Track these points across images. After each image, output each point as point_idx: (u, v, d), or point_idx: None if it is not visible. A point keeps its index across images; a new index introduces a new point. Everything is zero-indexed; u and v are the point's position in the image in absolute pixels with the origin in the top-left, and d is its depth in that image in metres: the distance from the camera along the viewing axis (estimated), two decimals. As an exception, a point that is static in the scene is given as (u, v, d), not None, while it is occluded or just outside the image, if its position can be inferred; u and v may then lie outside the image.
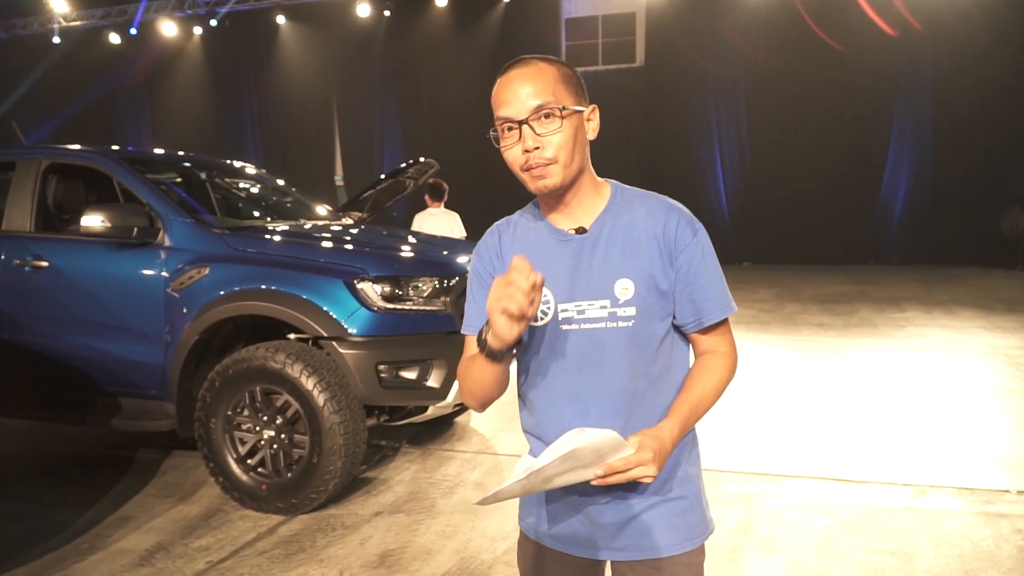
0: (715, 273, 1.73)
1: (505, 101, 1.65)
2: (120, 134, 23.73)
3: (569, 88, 1.67)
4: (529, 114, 1.62)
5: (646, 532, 1.74)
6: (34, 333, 5.06)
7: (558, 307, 1.72)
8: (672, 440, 1.61)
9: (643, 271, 1.68)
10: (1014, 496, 4.49)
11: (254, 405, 4.48)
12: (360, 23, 20.41)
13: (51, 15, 21.98)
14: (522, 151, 1.64)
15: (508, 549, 3.96)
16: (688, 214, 1.74)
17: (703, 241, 1.72)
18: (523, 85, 1.64)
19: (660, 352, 1.73)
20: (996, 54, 16.22)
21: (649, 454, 1.52)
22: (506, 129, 1.66)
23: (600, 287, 1.69)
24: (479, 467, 5.22)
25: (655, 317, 1.70)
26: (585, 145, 1.72)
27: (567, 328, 1.72)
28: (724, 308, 1.73)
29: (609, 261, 1.70)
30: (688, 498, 1.77)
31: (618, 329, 1.68)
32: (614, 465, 1.51)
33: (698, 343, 1.78)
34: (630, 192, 1.79)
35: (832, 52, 17.41)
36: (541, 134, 1.63)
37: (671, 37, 18.54)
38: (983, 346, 8.63)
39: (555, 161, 1.64)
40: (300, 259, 4.68)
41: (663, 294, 1.69)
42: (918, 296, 12.75)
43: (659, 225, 1.70)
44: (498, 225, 1.91)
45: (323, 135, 22.44)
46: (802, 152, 17.91)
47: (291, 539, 4.13)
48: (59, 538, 4.17)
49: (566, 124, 1.64)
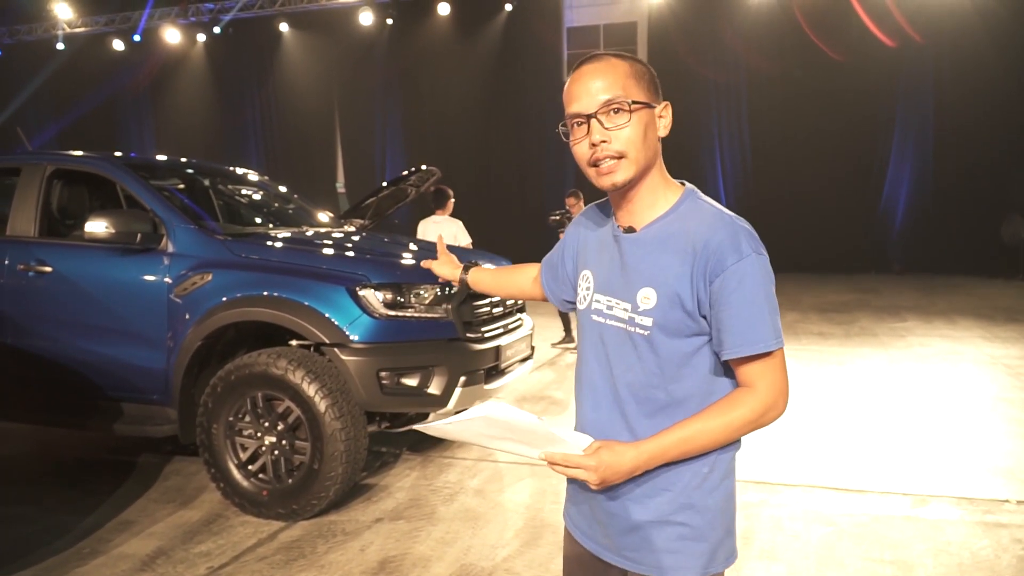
0: (751, 304, 1.59)
1: (575, 96, 1.65)
2: (124, 140, 23.79)
3: (640, 84, 1.66)
4: (598, 108, 1.62)
5: (647, 548, 1.71)
6: (37, 337, 5.08)
7: (594, 297, 1.78)
8: (637, 460, 1.59)
9: (669, 284, 1.63)
10: (1014, 506, 4.50)
11: (256, 411, 4.49)
12: (363, 31, 20.47)
13: (55, 21, 22.07)
14: (589, 145, 1.64)
15: (508, 556, 3.97)
16: (741, 233, 1.62)
17: (748, 267, 1.59)
18: (593, 80, 1.64)
19: (688, 371, 1.66)
20: (997, 63, 16.25)
21: (592, 462, 1.54)
22: (575, 124, 1.67)
23: (627, 290, 1.69)
24: (479, 474, 5.23)
25: (677, 333, 1.64)
26: (656, 142, 1.70)
27: (596, 319, 1.77)
28: (746, 344, 1.59)
29: (640, 267, 1.68)
30: (693, 527, 1.69)
31: (635, 334, 1.67)
32: (553, 456, 1.56)
33: (737, 374, 1.66)
34: (699, 203, 1.72)
35: (834, 61, 17.45)
36: (609, 128, 1.62)
37: (673, 46, 18.58)
38: (983, 356, 8.64)
39: (623, 156, 1.63)
40: (302, 266, 4.70)
41: (688, 313, 1.62)
42: (919, 305, 12.76)
43: (702, 240, 1.61)
44: (586, 209, 1.96)
45: (325, 142, 22.48)
46: (803, 160, 17.93)
47: (292, 545, 4.14)
48: (61, 542, 4.18)
49: (635, 119, 1.63)
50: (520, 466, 5.35)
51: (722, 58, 18.85)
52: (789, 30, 17.74)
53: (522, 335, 5.44)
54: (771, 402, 1.62)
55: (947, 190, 17.38)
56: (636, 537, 1.72)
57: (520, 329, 5.47)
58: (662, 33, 19.12)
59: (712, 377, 1.67)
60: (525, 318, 5.73)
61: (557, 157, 20.50)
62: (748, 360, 1.61)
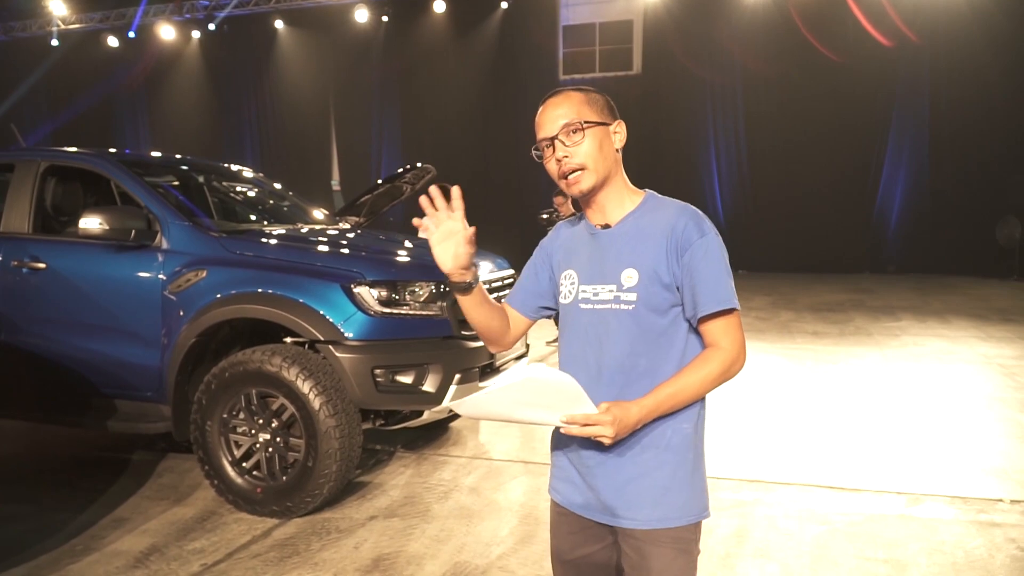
0: (716, 271, 1.90)
1: (541, 125, 1.99)
2: (118, 137, 23.74)
3: (593, 107, 1.98)
4: (559, 131, 1.95)
5: (632, 503, 1.95)
6: (31, 335, 5.06)
7: (580, 288, 2.04)
8: (639, 415, 1.85)
9: (648, 264, 1.93)
10: (1007, 505, 4.51)
11: (250, 408, 4.48)
12: (358, 28, 20.46)
13: (50, 18, 22.01)
14: (555, 161, 1.96)
15: (502, 554, 3.97)
16: (699, 218, 1.95)
17: (710, 242, 1.91)
18: (555, 109, 1.97)
19: (666, 339, 1.95)
20: (993, 65, 16.28)
21: (609, 417, 1.79)
22: (544, 147, 1.98)
23: (610, 274, 1.98)
24: (474, 472, 5.23)
25: (657, 306, 1.93)
26: (613, 153, 2.01)
27: (584, 307, 2.02)
28: (720, 302, 1.89)
29: (621, 253, 1.97)
30: (675, 478, 1.95)
31: (620, 311, 1.95)
32: (575, 416, 1.79)
33: (704, 336, 1.96)
34: (661, 200, 2.05)
35: (830, 61, 17.47)
36: (568, 145, 1.95)
37: (668, 45, 18.60)
38: (977, 356, 8.66)
39: (584, 167, 1.95)
40: (297, 263, 4.69)
41: (666, 286, 1.92)
42: (913, 305, 12.79)
43: (670, 225, 1.93)
44: (559, 225, 2.23)
45: (320, 139, 22.46)
46: (799, 160, 17.96)
47: (285, 542, 4.13)
48: (54, 539, 4.16)
49: (589, 135, 1.94)
50: (514, 464, 5.35)
51: (718, 57, 18.87)
52: (785, 30, 17.76)
53: (517, 333, 5.42)
54: (734, 356, 1.92)
55: (942, 191, 17.42)
56: (626, 493, 1.95)
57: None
58: (658, 32, 19.13)
59: (683, 346, 1.96)
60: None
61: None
62: (714, 318, 1.91)
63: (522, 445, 5.78)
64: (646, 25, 19.46)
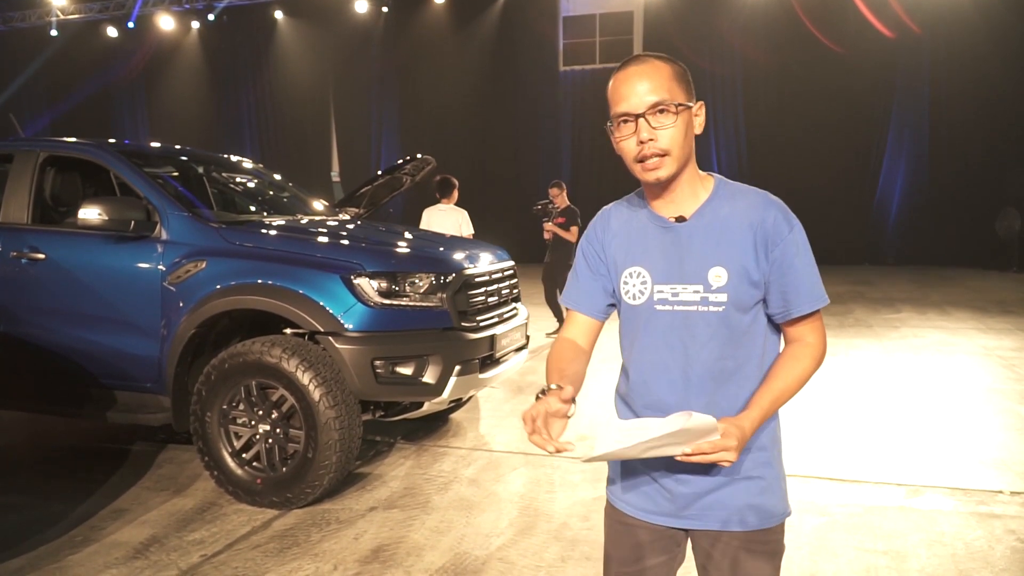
0: (808, 267, 1.81)
1: (623, 96, 1.76)
2: (117, 127, 23.73)
3: (682, 85, 1.78)
4: (646, 109, 1.74)
5: (723, 506, 1.84)
6: (30, 325, 5.05)
7: (655, 288, 1.86)
8: (752, 429, 1.72)
9: (736, 261, 1.78)
10: (1007, 497, 4.51)
11: (250, 399, 4.48)
12: (358, 19, 20.43)
13: (49, 8, 21.98)
14: (637, 142, 1.76)
15: (502, 546, 3.97)
16: (786, 209, 1.83)
17: (799, 236, 1.81)
18: (640, 81, 1.75)
19: (749, 337, 1.84)
20: (994, 57, 16.27)
21: (733, 442, 1.64)
22: (622, 123, 1.78)
23: (695, 273, 1.81)
24: (474, 463, 5.23)
25: (745, 305, 1.80)
26: (692, 139, 1.83)
27: (661, 308, 1.85)
28: (813, 301, 1.81)
29: (705, 249, 1.81)
30: (767, 479, 1.86)
31: (709, 313, 1.80)
32: (702, 447, 1.62)
33: (787, 332, 1.88)
34: (732, 186, 1.89)
35: (830, 53, 17.45)
36: (655, 127, 1.74)
37: (669, 36, 18.56)
38: (977, 347, 8.66)
39: (667, 153, 1.75)
40: (297, 254, 4.68)
41: (754, 284, 1.79)
42: (913, 297, 12.79)
43: (757, 218, 1.80)
44: (605, 211, 2.04)
45: (320, 130, 22.45)
46: (799, 152, 17.96)
47: (285, 533, 4.13)
48: (54, 530, 4.16)
49: (679, 119, 1.75)
50: (514, 455, 5.35)
51: (718, 48, 18.84)
52: (786, 21, 17.74)
53: (517, 324, 5.43)
54: (823, 350, 1.86)
55: (942, 183, 17.42)
56: (711, 498, 1.84)
57: (515, 318, 5.46)
58: (658, 23, 19.10)
59: (764, 340, 1.86)
60: (520, 308, 5.73)
61: (551, 147, 20.48)
62: (805, 317, 1.83)
63: (522, 436, 5.77)
64: (646, 16, 19.44)
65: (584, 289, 2.01)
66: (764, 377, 1.83)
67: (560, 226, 9.60)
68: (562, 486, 4.77)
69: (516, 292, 5.69)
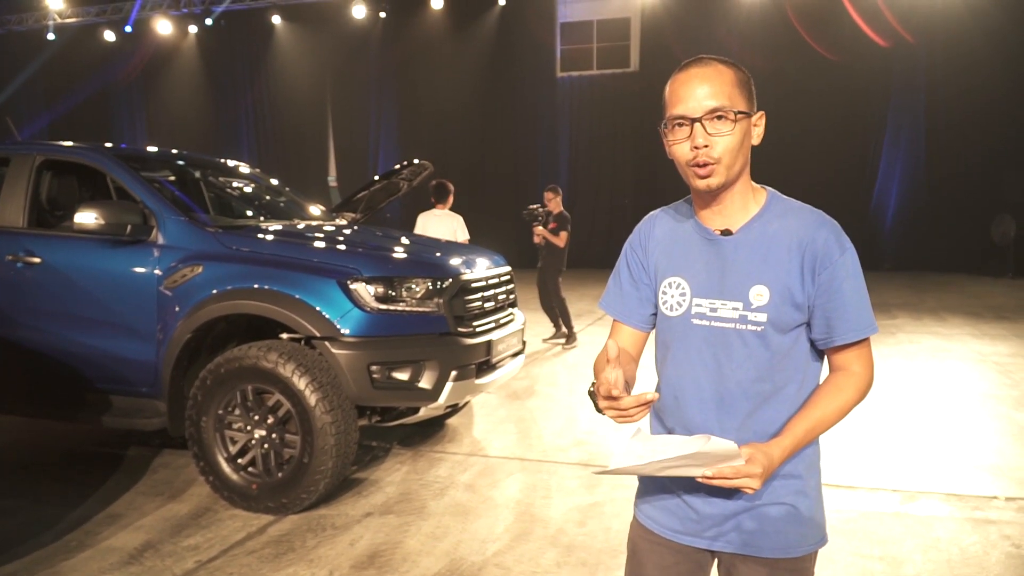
0: (857, 294, 1.72)
1: (681, 99, 1.71)
2: (115, 131, 23.71)
3: (743, 93, 1.73)
4: (704, 114, 1.67)
5: (751, 530, 1.78)
6: (26, 329, 5.05)
7: (693, 301, 1.80)
8: (781, 458, 1.67)
9: (781, 281, 1.71)
10: (1002, 502, 4.52)
11: (246, 404, 4.47)
12: (356, 24, 20.43)
13: (46, 12, 21.98)
14: (691, 147, 1.69)
15: (497, 551, 3.97)
16: (839, 231, 1.75)
17: (850, 261, 1.72)
18: (700, 85, 1.69)
19: (789, 361, 1.76)
20: (989, 63, 16.31)
21: (758, 469, 1.59)
22: (677, 125, 1.72)
23: (735, 289, 1.75)
24: (470, 469, 5.22)
25: (785, 326, 1.73)
26: (749, 149, 1.77)
27: (698, 323, 1.79)
28: (859, 330, 1.73)
29: (749, 266, 1.74)
30: (799, 508, 1.80)
31: (747, 332, 1.74)
32: (723, 471, 1.58)
33: (832, 360, 1.80)
34: (786, 202, 1.82)
35: (826, 58, 17.49)
36: (712, 134, 1.68)
37: (666, 42, 18.58)
38: (972, 353, 8.67)
39: (719, 162, 1.69)
40: (293, 259, 4.68)
41: (798, 306, 1.72)
42: (909, 303, 12.80)
43: (807, 238, 1.72)
44: (651, 217, 1.97)
45: (317, 135, 22.45)
46: (795, 157, 17.96)
47: (281, 539, 4.13)
48: (48, 534, 4.15)
49: (737, 128, 1.69)
50: (511, 461, 5.34)
51: (715, 54, 18.71)
52: (782, 28, 17.78)
53: (513, 330, 5.43)
54: (869, 380, 1.78)
55: (938, 188, 17.46)
56: (739, 521, 1.79)
57: (512, 324, 5.46)
58: (655, 29, 19.12)
59: (805, 364, 1.78)
60: (517, 313, 5.73)
61: (549, 152, 20.50)
62: (850, 345, 1.75)
63: (518, 442, 5.77)
64: (644, 22, 19.46)
65: (627, 299, 1.94)
66: (803, 404, 1.77)
67: (552, 231, 9.58)
68: (558, 492, 4.77)
69: (513, 297, 5.69)
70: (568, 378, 7.91)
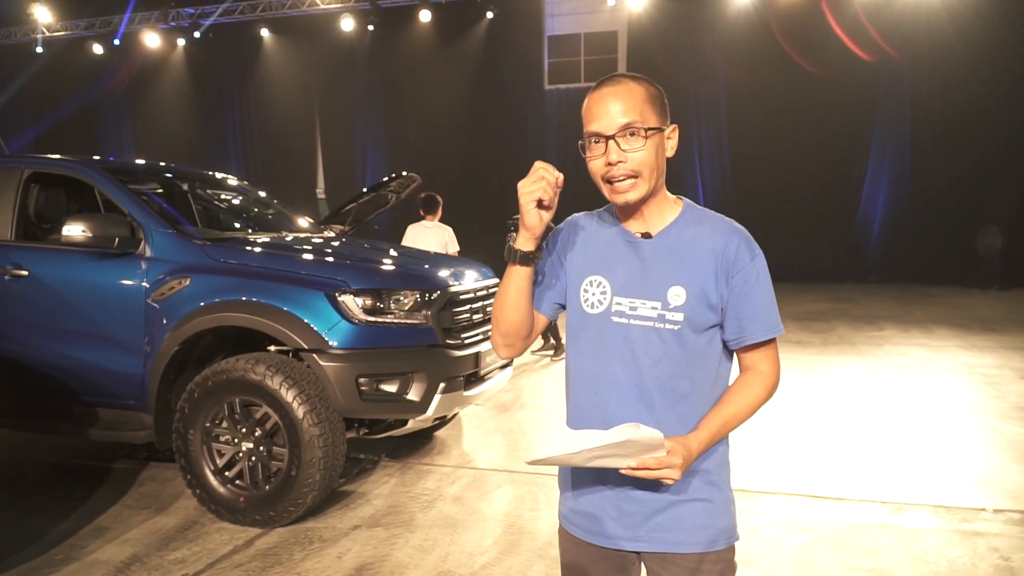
0: (765, 296, 1.84)
1: (596, 116, 1.78)
2: (102, 144, 23.64)
3: (655, 108, 1.80)
4: (617, 131, 1.75)
5: (672, 528, 1.85)
6: (12, 341, 5.02)
7: (613, 300, 1.87)
8: (699, 451, 1.77)
9: (696, 283, 1.80)
10: (990, 514, 4.53)
11: (233, 417, 4.46)
12: (344, 37, 20.45)
13: (35, 25, 21.92)
14: (605, 163, 1.78)
15: (486, 564, 3.96)
16: (749, 238, 1.86)
17: (759, 265, 1.84)
18: (613, 102, 1.77)
19: (704, 360, 1.85)
20: (974, 76, 16.44)
21: (679, 460, 1.68)
22: (593, 142, 1.80)
23: (654, 289, 1.83)
24: (458, 481, 5.21)
25: (701, 327, 1.82)
26: (664, 162, 1.84)
27: (617, 320, 1.85)
28: (768, 330, 1.85)
29: (667, 268, 1.83)
30: (715, 502, 1.88)
31: (664, 330, 1.82)
32: (647, 462, 1.66)
33: (742, 359, 1.91)
34: (700, 211, 1.91)
35: (812, 73, 17.60)
36: (625, 150, 1.76)
37: (653, 55, 18.66)
38: (959, 365, 8.71)
39: (636, 175, 1.78)
40: (281, 271, 4.67)
41: (712, 307, 1.81)
42: (896, 314, 12.86)
43: (720, 244, 1.82)
44: (574, 217, 2.03)
45: (305, 148, 22.43)
46: (782, 171, 18.07)
47: (268, 552, 4.11)
48: (34, 548, 4.12)
49: (649, 142, 1.77)
50: (499, 473, 5.34)
51: (702, 69, 18.96)
52: (768, 42, 17.89)
53: (502, 342, 5.41)
54: (776, 380, 1.91)
55: (924, 201, 17.56)
56: (660, 519, 1.85)
57: (500, 336, 5.44)
58: (642, 43, 19.21)
59: (718, 364, 1.88)
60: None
61: (537, 165, 20.48)
62: (759, 345, 1.87)
63: (506, 454, 5.77)
64: (631, 36, 19.55)
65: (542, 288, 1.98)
66: (716, 401, 1.86)
67: None
68: (547, 504, 4.77)
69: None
70: (556, 390, 7.90)
